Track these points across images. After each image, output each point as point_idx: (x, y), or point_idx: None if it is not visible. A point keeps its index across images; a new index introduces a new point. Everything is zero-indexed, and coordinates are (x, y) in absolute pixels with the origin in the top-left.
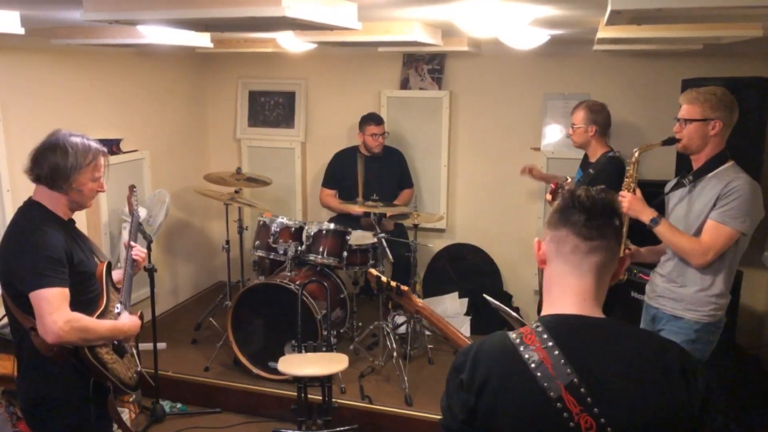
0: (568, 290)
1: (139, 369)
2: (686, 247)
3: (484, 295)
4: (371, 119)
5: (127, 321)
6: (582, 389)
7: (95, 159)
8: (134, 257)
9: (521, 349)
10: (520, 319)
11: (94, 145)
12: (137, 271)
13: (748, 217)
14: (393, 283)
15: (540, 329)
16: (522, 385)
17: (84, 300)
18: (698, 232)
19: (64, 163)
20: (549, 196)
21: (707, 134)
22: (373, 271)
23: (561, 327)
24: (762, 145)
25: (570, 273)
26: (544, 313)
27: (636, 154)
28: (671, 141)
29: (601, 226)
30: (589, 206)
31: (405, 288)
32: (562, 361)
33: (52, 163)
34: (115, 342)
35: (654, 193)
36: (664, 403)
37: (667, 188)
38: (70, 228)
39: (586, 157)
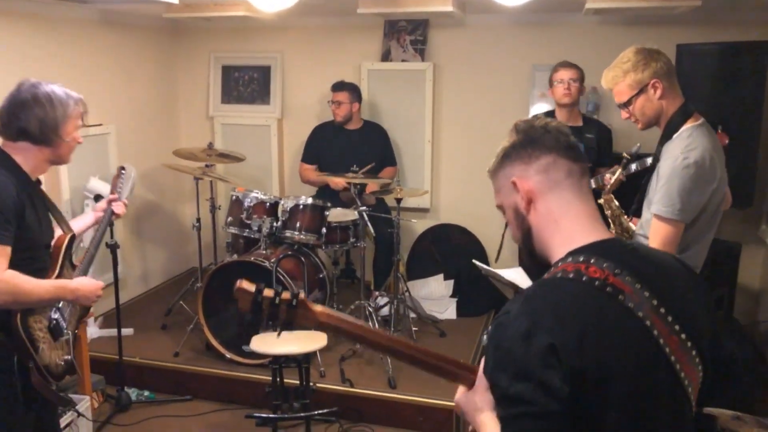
0: (582, 217)
1: (69, 357)
2: None
3: (474, 261)
4: (332, 86)
5: (79, 280)
6: (662, 309)
7: (77, 105)
8: (116, 211)
9: (597, 284)
10: (512, 282)
11: (69, 91)
12: (115, 218)
13: (679, 200)
14: (285, 295)
15: (594, 260)
16: (624, 324)
17: (28, 272)
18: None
19: (53, 114)
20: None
21: (654, 100)
22: (246, 283)
23: (611, 253)
24: (760, 110)
25: (575, 198)
26: (563, 248)
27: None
28: (632, 159)
29: (579, 148)
30: (561, 127)
31: (302, 296)
32: (638, 285)
33: (40, 117)
34: (53, 321)
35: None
36: (706, 306)
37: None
38: (34, 188)
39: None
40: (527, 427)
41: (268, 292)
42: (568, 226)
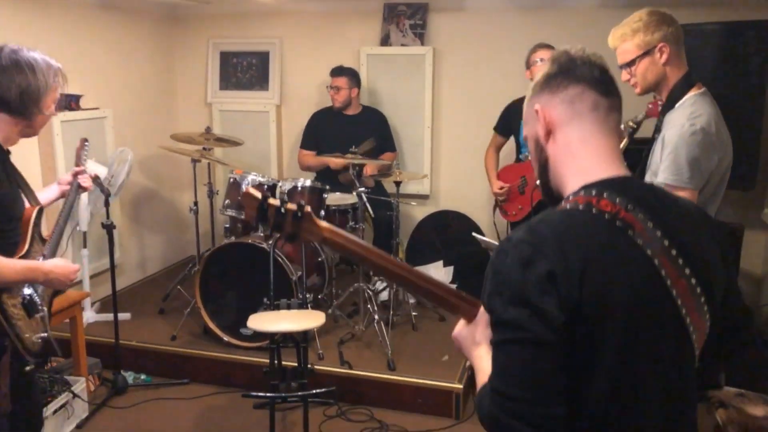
0: (601, 151)
1: (45, 335)
2: None
3: (473, 234)
4: (331, 71)
5: (54, 261)
6: (673, 251)
7: (57, 76)
8: (82, 184)
9: (606, 217)
10: None
11: (49, 59)
12: (81, 192)
13: (687, 168)
14: (290, 206)
15: (608, 194)
16: (630, 260)
17: (5, 247)
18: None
19: (36, 84)
20: None
21: (658, 64)
22: (252, 189)
23: (627, 189)
24: (764, 90)
25: (598, 131)
26: (577, 181)
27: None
28: (635, 129)
29: (613, 82)
30: (598, 60)
31: (308, 209)
32: (650, 224)
33: (22, 85)
34: (27, 297)
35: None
36: (722, 256)
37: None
38: (6, 159)
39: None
40: (519, 353)
41: (273, 201)
42: (585, 160)
